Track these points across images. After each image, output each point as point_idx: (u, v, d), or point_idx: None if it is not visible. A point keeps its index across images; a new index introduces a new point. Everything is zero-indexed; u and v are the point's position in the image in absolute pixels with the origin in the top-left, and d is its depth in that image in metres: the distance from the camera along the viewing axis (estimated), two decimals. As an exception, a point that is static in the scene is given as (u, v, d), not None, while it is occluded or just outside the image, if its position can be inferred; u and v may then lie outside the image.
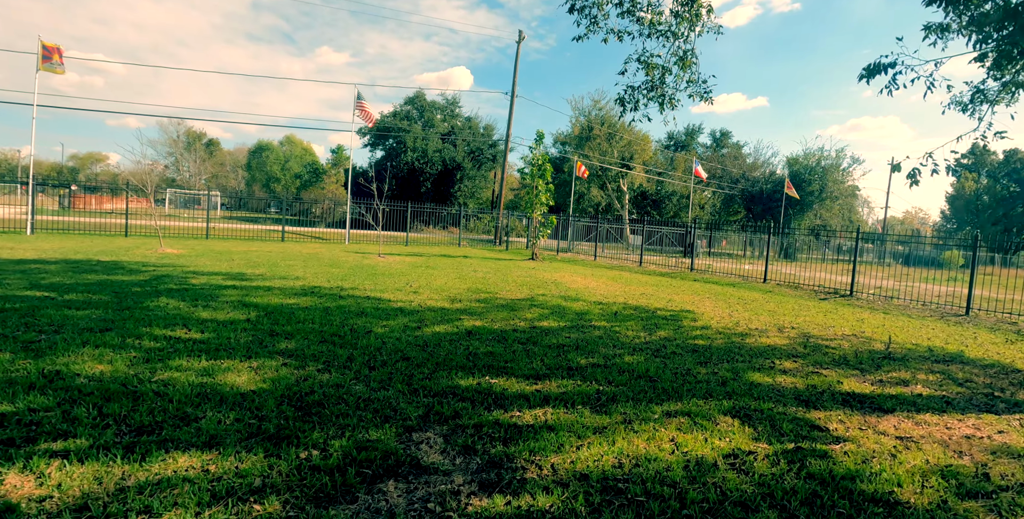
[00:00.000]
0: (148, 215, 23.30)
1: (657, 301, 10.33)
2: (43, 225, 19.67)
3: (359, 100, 21.68)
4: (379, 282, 10.28)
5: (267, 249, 16.86)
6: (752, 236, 39.05)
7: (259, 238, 21.61)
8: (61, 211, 32.34)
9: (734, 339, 6.97)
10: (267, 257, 14.11)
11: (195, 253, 14.11)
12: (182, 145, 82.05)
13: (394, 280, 10.75)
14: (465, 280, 11.52)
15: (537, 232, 19.50)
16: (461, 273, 12.94)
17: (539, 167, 18.95)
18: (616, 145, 39.65)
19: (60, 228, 19.71)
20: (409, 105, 45.40)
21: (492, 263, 16.89)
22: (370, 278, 10.84)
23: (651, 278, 15.62)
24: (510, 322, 7.08)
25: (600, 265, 20.27)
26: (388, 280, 10.68)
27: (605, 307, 9.03)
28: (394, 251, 19.68)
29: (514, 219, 39.50)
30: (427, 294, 9.11)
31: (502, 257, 20.41)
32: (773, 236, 40.03)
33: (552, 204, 19.58)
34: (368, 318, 6.71)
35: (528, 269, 15.50)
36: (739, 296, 12.28)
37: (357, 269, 12.46)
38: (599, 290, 11.53)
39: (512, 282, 11.75)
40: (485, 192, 50.42)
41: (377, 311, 7.21)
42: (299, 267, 12.13)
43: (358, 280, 10.40)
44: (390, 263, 14.55)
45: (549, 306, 8.70)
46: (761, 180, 47.16)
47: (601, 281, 13.55)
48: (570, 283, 12.47)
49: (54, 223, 20.22)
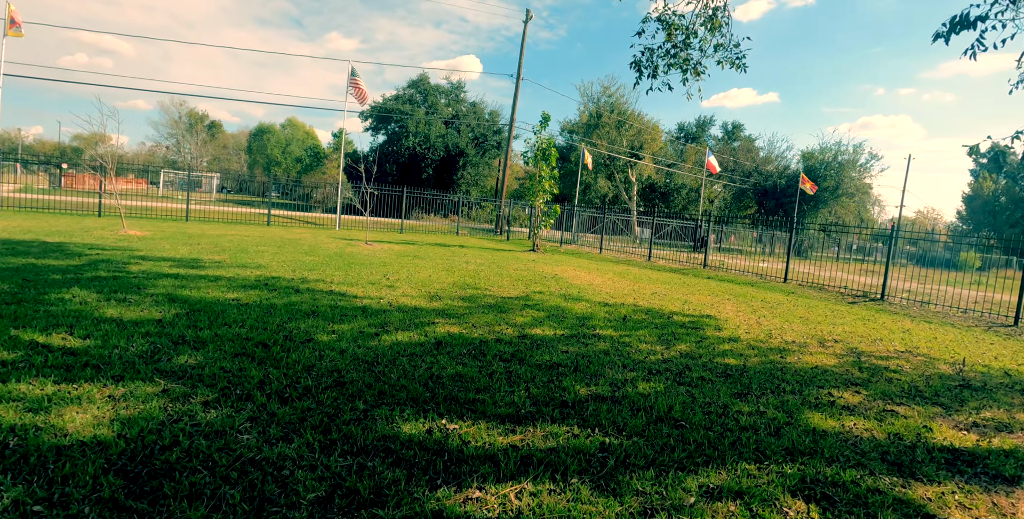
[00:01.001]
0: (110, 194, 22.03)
1: (672, 303, 8.98)
2: (18, 203, 18.41)
3: (353, 77, 20.26)
4: (352, 273, 8.96)
5: (246, 233, 15.56)
6: (764, 232, 37.55)
7: (244, 222, 20.32)
8: (50, 190, 31.16)
9: (772, 357, 5.62)
10: (239, 242, 12.80)
11: (160, 236, 12.82)
12: (184, 126, 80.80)
13: (371, 271, 9.43)
14: (453, 273, 10.19)
15: (539, 222, 18.12)
16: (451, 265, 11.62)
17: (543, 151, 17.54)
18: (625, 134, 38.09)
19: (34, 206, 18.46)
20: (412, 88, 43.86)
21: (489, 254, 15.55)
22: (344, 268, 9.52)
23: (662, 275, 14.26)
24: (495, 329, 5.75)
25: (606, 259, 18.91)
26: (364, 271, 9.36)
27: (612, 310, 7.70)
28: (385, 238, 18.36)
29: (517, 208, 38.10)
30: (404, 289, 7.79)
31: (501, 248, 19.07)
32: (785, 232, 38.58)
33: (556, 192, 18.20)
34: (317, 320, 5.39)
35: (527, 261, 14.16)
36: (762, 298, 10.92)
37: (334, 257, 11.15)
38: (605, 288, 10.19)
39: (507, 276, 10.41)
40: (489, 180, 48.97)
41: (333, 311, 5.89)
42: (268, 254, 10.82)
43: (328, 270, 9.08)
44: (375, 252, 13.23)
45: (546, 307, 7.37)
46: (774, 174, 45.53)
47: (607, 277, 12.20)
48: (572, 279, 11.13)
49: (29, 201, 18.96)
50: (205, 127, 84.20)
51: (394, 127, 43.02)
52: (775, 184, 44.19)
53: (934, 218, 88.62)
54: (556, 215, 18.08)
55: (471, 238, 23.12)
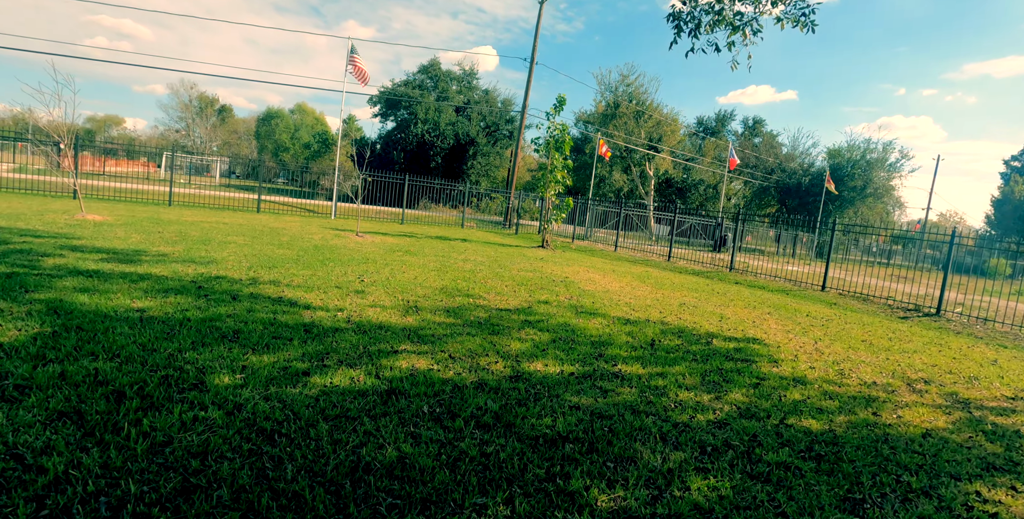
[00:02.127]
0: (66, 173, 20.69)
1: (706, 319, 7.41)
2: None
3: (352, 54, 18.72)
4: (321, 273, 7.47)
5: (227, 221, 14.14)
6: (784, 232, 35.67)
7: (234, 208, 18.92)
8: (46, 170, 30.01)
9: (862, 414, 4.06)
10: (210, 230, 11.37)
11: (122, 222, 11.41)
12: (194, 110, 79.76)
13: (346, 270, 7.93)
14: (445, 274, 8.68)
15: (550, 215, 16.55)
16: (445, 263, 10.11)
17: (556, 138, 15.94)
18: (644, 125, 36.26)
19: (12, 187, 17.17)
20: (423, 74, 42.24)
21: (492, 250, 14.03)
22: (314, 266, 8.03)
23: (686, 279, 12.67)
24: (480, 362, 4.23)
25: (621, 257, 17.33)
26: (337, 270, 7.87)
27: (635, 329, 6.15)
28: (382, 229, 16.88)
29: (528, 201, 36.51)
30: (376, 296, 6.29)
31: (507, 242, 17.53)
32: (808, 233, 36.70)
33: (569, 184, 16.62)
34: (232, 347, 3.89)
35: (534, 260, 12.62)
36: (806, 312, 9.32)
37: (311, 251, 9.67)
38: (624, 296, 8.64)
39: (508, 279, 8.89)
40: (500, 171, 47.36)
41: (265, 331, 4.40)
42: (234, 246, 9.36)
43: (293, 269, 7.59)
44: (363, 245, 11.75)
45: (552, 326, 5.84)
46: (798, 172, 43.50)
47: (625, 281, 10.64)
48: (585, 283, 9.59)
49: (9, 181, 17.64)
50: (215, 111, 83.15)
51: (403, 114, 41.50)
52: (799, 182, 42.19)
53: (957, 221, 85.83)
54: (568, 209, 16.50)
55: (476, 231, 21.59)
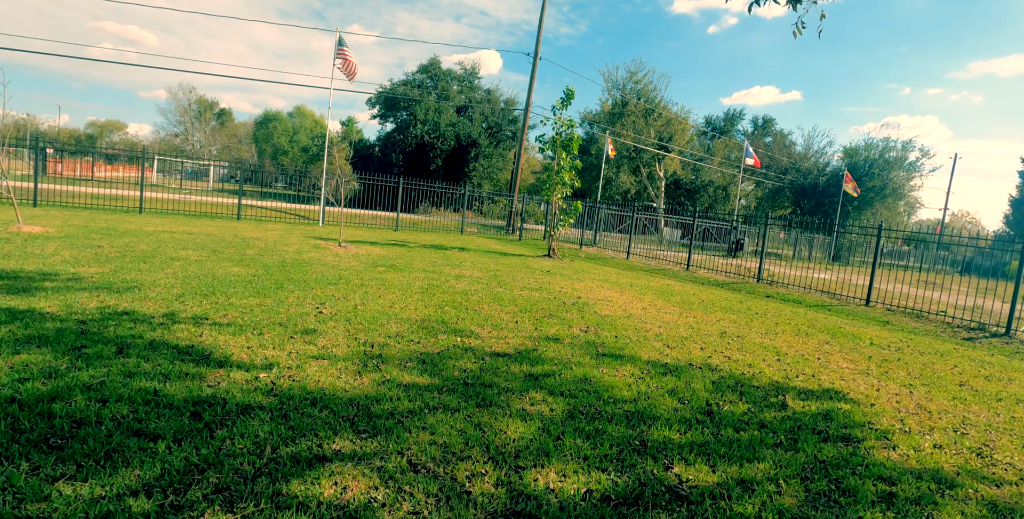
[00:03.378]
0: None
1: (758, 356, 5.79)
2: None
3: (340, 47, 17.21)
4: (270, 302, 5.90)
5: (194, 230, 12.62)
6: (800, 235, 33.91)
7: (213, 214, 17.42)
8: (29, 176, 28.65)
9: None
10: (163, 244, 9.84)
11: (62, 234, 9.89)
12: (192, 114, 78.66)
13: (306, 296, 6.37)
14: (433, 296, 7.10)
15: (556, 221, 14.96)
16: (436, 280, 8.53)
17: (564, 135, 14.36)
18: (654, 124, 34.65)
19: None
20: (423, 73, 40.76)
21: (493, 260, 12.45)
22: (266, 291, 6.46)
23: (712, 294, 11.06)
24: (458, 474, 2.64)
25: (635, 267, 15.72)
26: (294, 296, 6.30)
27: (680, 385, 4.54)
28: (372, 237, 15.33)
29: (533, 204, 34.97)
30: (330, 338, 4.71)
31: (510, 251, 15.95)
32: (826, 236, 34.98)
33: (578, 185, 15.05)
34: (44, 463, 2.33)
35: (540, 273, 11.04)
36: (867, 338, 7.70)
37: (274, 269, 8.10)
38: (651, 322, 7.04)
39: (510, 302, 7.30)
40: (503, 173, 45.80)
41: (130, 417, 2.82)
42: (180, 264, 7.81)
43: (238, 296, 6.03)
44: (342, 258, 10.19)
45: (566, 383, 4.24)
46: (813, 172, 41.77)
47: (647, 300, 9.03)
48: (602, 304, 7.99)
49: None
50: (215, 115, 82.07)
51: (402, 115, 40.03)
52: (815, 183, 40.45)
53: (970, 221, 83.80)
54: (577, 213, 14.91)
55: (477, 238, 20.01)
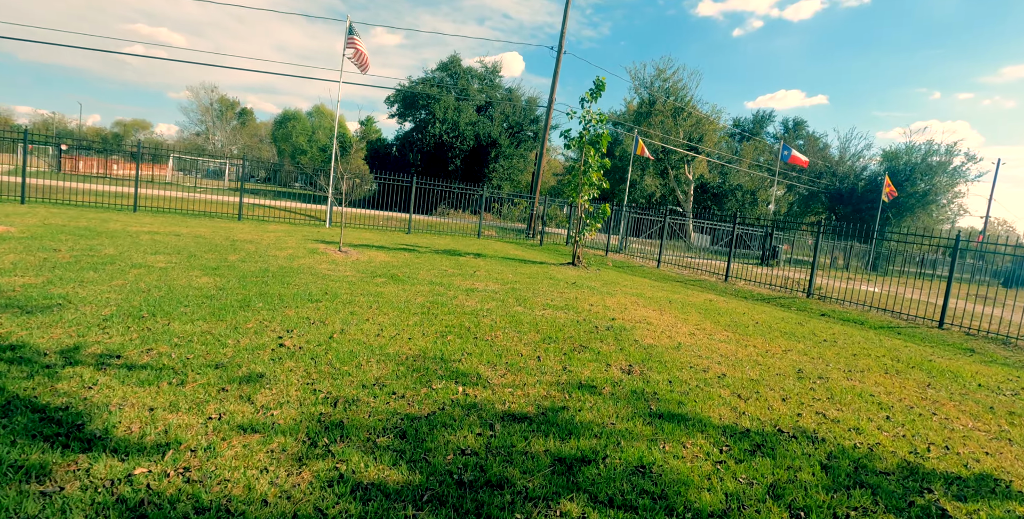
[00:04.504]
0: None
1: (861, 414, 4.29)
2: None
3: (350, 35, 15.99)
4: (221, 328, 4.58)
5: (183, 231, 11.45)
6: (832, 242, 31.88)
7: (213, 214, 16.29)
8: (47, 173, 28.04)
9: None
10: (136, 247, 8.63)
11: (26, 235, 8.72)
12: (214, 114, 78.76)
13: (272, 319, 5.03)
14: (435, 319, 5.73)
15: (582, 226, 13.51)
16: (442, 296, 7.15)
17: (592, 131, 12.93)
18: (682, 124, 32.96)
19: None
20: (442, 71, 39.58)
21: (512, 269, 11.06)
22: (226, 311, 5.13)
23: (762, 312, 9.53)
24: None
25: (668, 277, 14.21)
26: (257, 320, 4.96)
27: (778, 471, 3.09)
28: (381, 241, 14.04)
29: (555, 207, 33.52)
30: (277, 392, 3.36)
31: (531, 258, 14.55)
32: (862, 244, 32.90)
33: (606, 186, 13.59)
34: None
35: (566, 285, 9.62)
36: (971, 377, 6.14)
37: (249, 280, 6.80)
38: (708, 358, 5.58)
39: (530, 326, 5.90)
40: (524, 175, 44.43)
41: None
42: (138, 272, 6.55)
43: (182, 320, 4.72)
44: (338, 266, 8.87)
45: (616, 477, 2.80)
46: (850, 176, 39.69)
47: (693, 321, 7.57)
48: (642, 329, 6.55)
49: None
50: (236, 114, 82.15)
51: (421, 114, 38.88)
52: (852, 187, 38.40)
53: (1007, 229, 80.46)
54: (605, 217, 13.45)
55: (495, 242, 18.64)
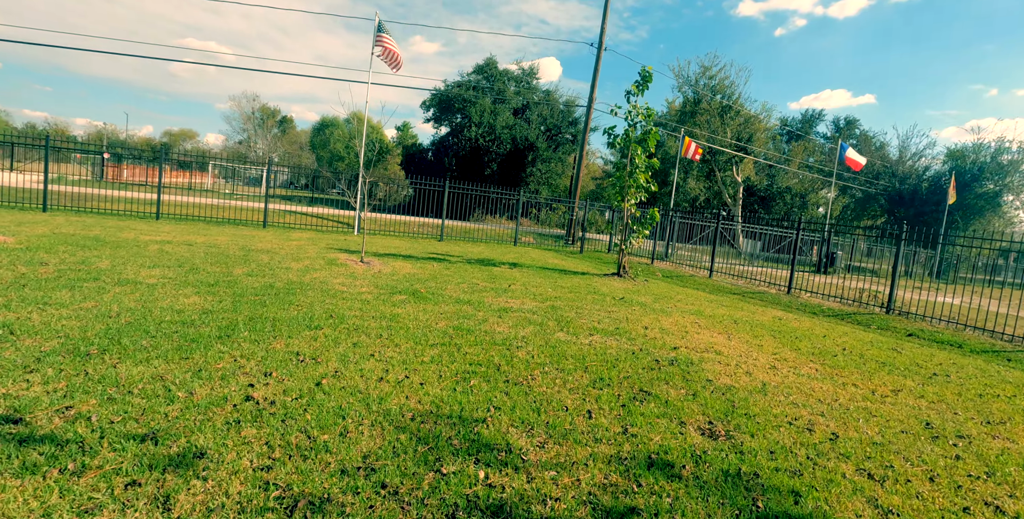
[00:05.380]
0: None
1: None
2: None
3: (379, 33, 15.14)
4: (187, 365, 3.58)
5: (198, 240, 10.71)
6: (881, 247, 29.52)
7: (238, 221, 15.64)
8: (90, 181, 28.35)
9: None
10: (135, 259, 7.83)
11: (21, 245, 8.03)
12: (255, 122, 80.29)
13: (255, 352, 4.01)
14: (457, 352, 4.63)
15: (629, 232, 12.26)
16: (469, 319, 6.05)
17: (640, 128, 11.70)
18: (730, 123, 31.22)
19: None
20: (478, 74, 38.77)
21: (551, 282, 9.91)
22: (199, 344, 4.13)
23: (846, 333, 8.12)
24: None
25: (723, 288, 12.80)
26: (234, 353, 3.95)
27: None
28: (409, 250, 13.09)
29: (594, 212, 32.18)
30: (209, 486, 2.31)
31: (571, 267, 13.36)
32: (928, 249, 30.44)
33: (654, 189, 12.32)
34: None
35: (613, 302, 8.41)
36: None
37: (248, 299, 5.84)
38: (805, 405, 4.32)
39: (575, 360, 4.74)
40: (562, 179, 43.19)
41: None
42: (123, 289, 5.67)
43: (146, 355, 3.73)
44: (356, 279, 7.89)
45: None
46: (911, 177, 37.06)
47: (770, 349, 6.27)
48: (713, 362, 5.32)
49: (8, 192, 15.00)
50: (276, 122, 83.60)
51: (457, 118, 38.14)
52: (914, 188, 35.81)
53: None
54: (654, 223, 12.17)
55: (533, 250, 17.50)
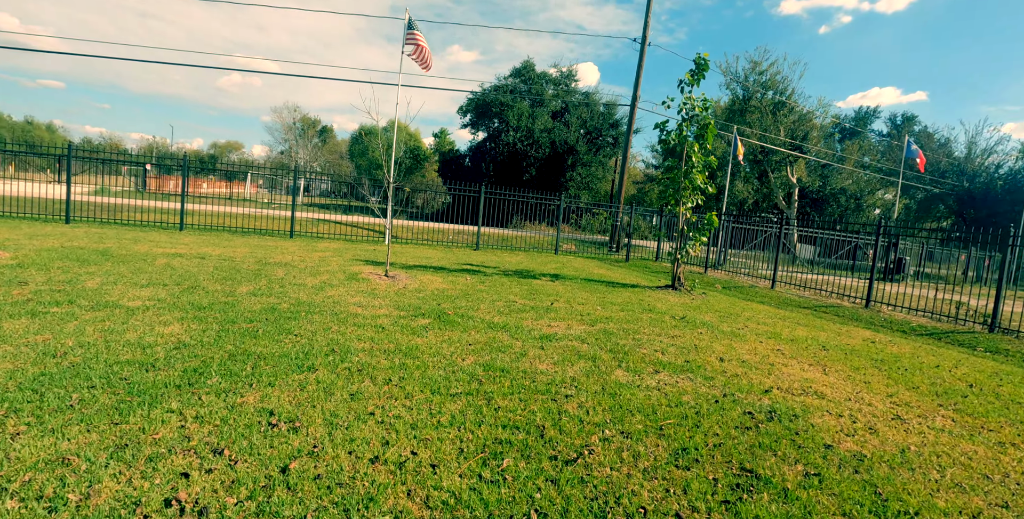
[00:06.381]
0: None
1: None
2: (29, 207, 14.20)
3: (410, 30, 14.27)
4: (108, 442, 2.56)
5: (214, 252, 9.93)
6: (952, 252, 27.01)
7: (265, 231, 14.97)
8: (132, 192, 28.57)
9: None
10: (141, 275, 7.01)
11: (16, 262, 7.32)
12: (296, 132, 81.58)
13: (215, 410, 2.97)
14: (484, 412, 3.49)
15: (684, 240, 10.94)
16: (504, 352, 4.93)
17: (696, 121, 10.42)
18: (784, 121, 29.34)
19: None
20: (515, 77, 37.83)
21: (599, 298, 8.72)
22: (143, 398, 3.11)
23: (956, 359, 6.65)
24: None
25: (791, 301, 11.34)
26: (185, 414, 2.91)
27: None
28: (441, 261, 12.08)
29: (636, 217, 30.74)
30: None
31: (618, 279, 12.12)
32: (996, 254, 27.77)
33: (712, 191, 11.00)
34: None
35: (673, 322, 7.17)
36: None
37: (239, 327, 4.86)
38: (971, 487, 3.01)
39: (644, 417, 3.55)
40: (602, 183, 41.81)
41: None
42: (98, 315, 4.78)
43: (67, 420, 2.74)
44: (377, 297, 6.87)
45: None
46: (983, 175, 34.27)
47: (880, 389, 4.94)
48: (820, 415, 4.04)
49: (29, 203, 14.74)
50: (317, 132, 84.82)
51: (494, 122, 37.26)
52: (986, 187, 33.07)
53: None
54: (713, 229, 10.84)
55: (575, 259, 16.29)
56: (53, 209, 14.16)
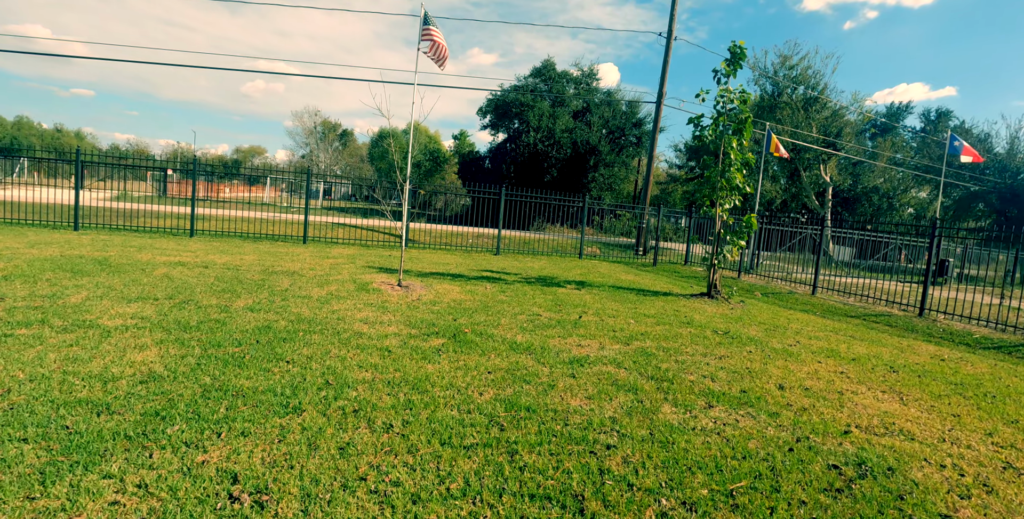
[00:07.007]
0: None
1: None
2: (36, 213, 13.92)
3: (426, 25, 13.64)
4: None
5: (220, 261, 9.41)
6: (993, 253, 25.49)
7: (278, 236, 14.48)
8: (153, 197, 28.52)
9: None
10: (133, 287, 6.46)
11: (8, 273, 6.83)
12: (317, 136, 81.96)
13: (166, 479, 2.33)
14: (503, 473, 2.80)
15: (721, 244, 10.12)
16: (529, 385, 4.24)
17: (732, 115, 9.61)
18: (816, 117, 28.15)
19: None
20: (535, 77, 37.10)
21: (630, 309, 7.98)
22: (74, 452, 2.50)
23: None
24: None
25: (836, 309, 10.44)
26: (135, 475, 2.28)
27: None
28: (459, 268, 11.43)
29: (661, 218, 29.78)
30: None
31: (649, 286, 11.35)
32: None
33: (749, 191, 10.18)
34: None
35: (717, 339, 6.41)
36: None
37: (224, 351, 4.24)
38: None
39: (706, 475, 2.83)
40: (625, 184, 40.93)
41: None
42: (68, 343, 4.20)
43: None
44: (387, 312, 6.23)
45: None
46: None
47: (973, 424, 4.13)
48: (918, 466, 3.28)
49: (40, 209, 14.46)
50: (337, 136, 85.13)
51: (515, 123, 36.58)
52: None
53: None
54: (752, 231, 10.02)
55: (601, 264, 15.52)
56: (66, 216, 13.82)
